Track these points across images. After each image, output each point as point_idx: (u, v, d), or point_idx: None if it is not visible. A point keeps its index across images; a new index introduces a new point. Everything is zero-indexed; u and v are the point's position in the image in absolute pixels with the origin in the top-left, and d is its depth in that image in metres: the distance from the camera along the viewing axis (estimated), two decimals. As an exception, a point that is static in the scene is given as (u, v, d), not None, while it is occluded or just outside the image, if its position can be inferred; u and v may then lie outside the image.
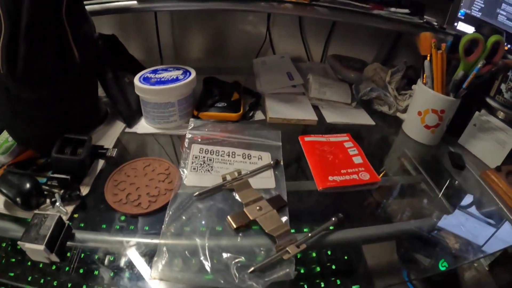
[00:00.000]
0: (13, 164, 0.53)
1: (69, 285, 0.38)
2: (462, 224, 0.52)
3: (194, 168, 0.53)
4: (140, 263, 0.41)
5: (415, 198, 0.57)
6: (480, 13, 0.72)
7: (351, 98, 0.80)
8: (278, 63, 0.90)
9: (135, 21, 0.91)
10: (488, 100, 0.69)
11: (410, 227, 0.51)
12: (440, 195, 0.58)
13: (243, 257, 0.40)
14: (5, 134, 0.57)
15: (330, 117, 0.74)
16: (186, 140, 0.58)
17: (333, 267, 0.43)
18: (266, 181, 0.52)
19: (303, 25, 0.97)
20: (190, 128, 0.61)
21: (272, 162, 0.56)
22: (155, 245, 0.42)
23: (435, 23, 0.79)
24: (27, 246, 0.38)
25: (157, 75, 0.63)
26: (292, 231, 0.45)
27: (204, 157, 0.55)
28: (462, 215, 0.55)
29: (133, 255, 0.42)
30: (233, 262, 0.40)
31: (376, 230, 0.50)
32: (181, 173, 0.52)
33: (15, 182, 0.45)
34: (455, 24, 0.78)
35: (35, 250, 0.38)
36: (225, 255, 0.41)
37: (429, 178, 0.61)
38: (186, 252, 0.41)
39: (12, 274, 0.39)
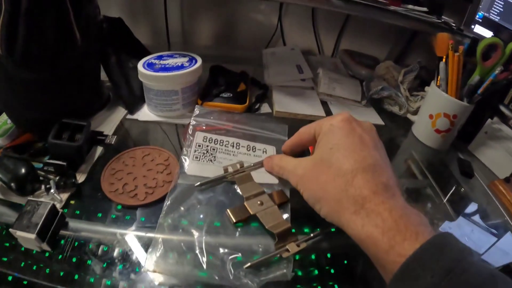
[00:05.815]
0: (11, 147, 0.52)
1: (61, 273, 0.38)
2: (466, 235, 0.51)
3: (197, 157, 0.51)
4: (133, 255, 0.40)
5: (420, 203, 0.55)
6: (498, 17, 0.69)
7: (361, 96, 0.78)
8: (288, 55, 0.88)
9: (144, 4, 0.89)
10: (502, 108, 0.66)
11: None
12: (445, 201, 0.56)
13: (240, 254, 0.39)
14: (4, 116, 0.56)
15: (338, 114, 0.72)
16: (190, 127, 0.56)
17: (332, 271, 0.41)
18: (269, 176, 0.49)
19: (316, 17, 0.94)
20: (195, 114, 0.58)
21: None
22: (150, 237, 0.41)
23: (453, 24, 0.76)
24: (18, 233, 0.38)
25: (162, 61, 0.61)
26: (293, 230, 0.43)
27: (207, 146, 0.53)
28: (466, 224, 0.53)
29: (127, 246, 0.41)
30: (229, 258, 0.38)
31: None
32: (183, 161, 0.50)
33: (11, 166, 0.44)
34: (472, 26, 0.75)
35: (26, 238, 0.37)
36: (222, 250, 0.39)
37: (435, 184, 0.59)
38: (182, 245, 0.39)
39: (5, 259, 0.39)
